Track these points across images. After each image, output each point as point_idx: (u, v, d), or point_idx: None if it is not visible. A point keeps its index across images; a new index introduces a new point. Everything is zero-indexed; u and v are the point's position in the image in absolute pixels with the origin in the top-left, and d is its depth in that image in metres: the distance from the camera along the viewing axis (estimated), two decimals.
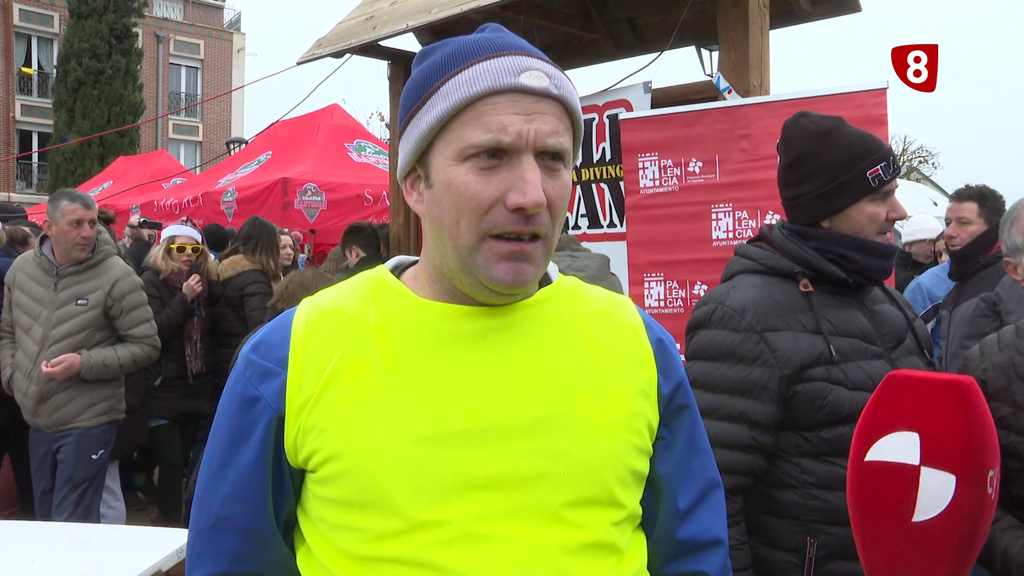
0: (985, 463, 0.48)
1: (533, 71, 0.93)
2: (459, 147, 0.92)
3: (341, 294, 1.04)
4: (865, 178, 1.73)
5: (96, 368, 3.67)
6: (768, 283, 1.77)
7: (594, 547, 0.94)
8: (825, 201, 1.76)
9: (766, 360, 1.68)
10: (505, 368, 0.96)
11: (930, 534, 0.44)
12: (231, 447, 1.00)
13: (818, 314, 1.72)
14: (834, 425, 1.66)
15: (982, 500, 0.47)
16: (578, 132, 0.99)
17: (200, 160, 26.53)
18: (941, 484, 0.46)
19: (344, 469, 0.93)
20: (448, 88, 0.93)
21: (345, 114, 9.51)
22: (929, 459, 0.48)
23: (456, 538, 0.90)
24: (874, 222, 1.76)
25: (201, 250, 4.78)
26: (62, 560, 2.36)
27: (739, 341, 1.70)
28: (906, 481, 0.46)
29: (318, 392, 0.95)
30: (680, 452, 1.09)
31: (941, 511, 0.46)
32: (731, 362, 1.70)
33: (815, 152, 1.77)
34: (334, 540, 0.95)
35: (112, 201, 9.89)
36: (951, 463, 0.45)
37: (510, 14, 4.12)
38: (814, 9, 4.12)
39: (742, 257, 1.86)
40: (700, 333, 1.78)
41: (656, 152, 3.24)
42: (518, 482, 0.92)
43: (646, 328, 1.09)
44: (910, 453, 0.48)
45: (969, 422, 0.51)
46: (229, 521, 1.01)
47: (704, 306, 1.80)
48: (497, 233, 0.92)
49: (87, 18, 21.49)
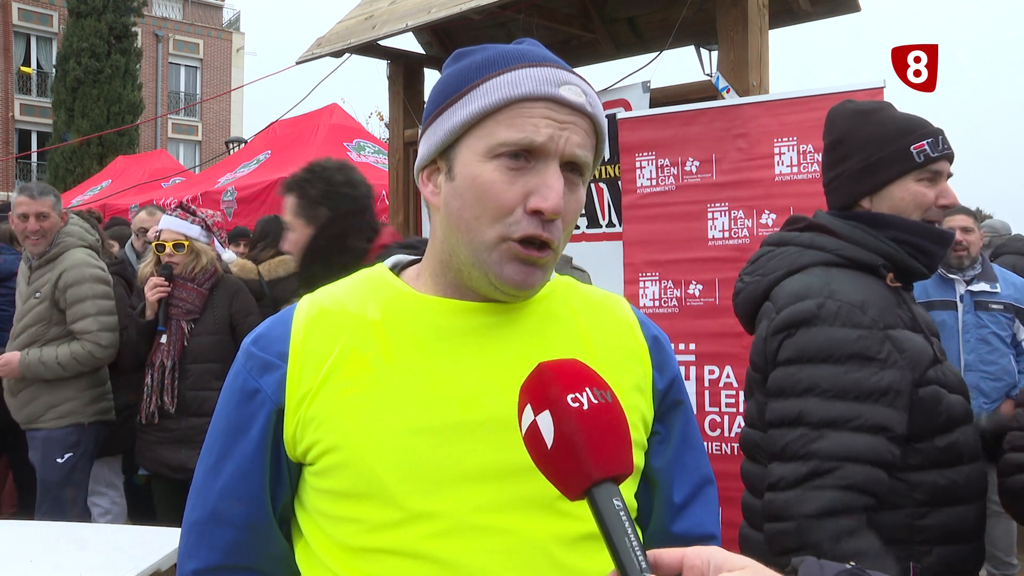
0: (553, 394, 0.77)
1: (572, 86, 0.96)
2: (490, 144, 0.95)
3: (341, 291, 1.05)
4: (908, 152, 1.59)
5: (33, 366, 3.57)
6: (857, 277, 1.58)
7: (589, 538, 0.95)
8: (862, 178, 1.62)
9: (895, 361, 1.48)
10: (503, 362, 0.98)
11: (560, 452, 0.74)
12: (230, 440, 1.01)
13: (914, 310, 1.59)
14: (949, 431, 1.53)
15: (570, 413, 0.75)
16: (600, 152, 1.03)
17: (199, 160, 26.52)
18: (547, 421, 0.75)
19: (342, 460, 0.94)
20: (489, 87, 0.96)
21: (344, 114, 9.51)
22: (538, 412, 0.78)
23: (452, 529, 0.92)
24: (919, 204, 1.60)
25: (188, 247, 3.51)
26: (61, 560, 2.37)
27: (865, 339, 1.48)
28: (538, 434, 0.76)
29: (317, 385, 0.96)
30: (674, 447, 1.11)
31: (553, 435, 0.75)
32: (858, 363, 1.48)
33: (855, 130, 1.65)
34: (331, 532, 0.96)
35: (111, 200, 9.90)
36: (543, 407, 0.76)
37: (510, 13, 4.12)
38: (813, 9, 4.12)
39: (808, 248, 1.65)
40: (806, 332, 1.53)
41: (653, 151, 3.24)
42: (514, 473, 0.93)
43: (641, 325, 1.11)
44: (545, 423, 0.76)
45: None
46: (225, 515, 1.02)
47: (801, 301, 1.55)
48: (515, 237, 0.94)
49: (86, 17, 21.47)
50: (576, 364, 0.81)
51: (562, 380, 0.77)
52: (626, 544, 0.69)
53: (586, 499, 0.73)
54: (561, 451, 0.74)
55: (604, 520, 0.71)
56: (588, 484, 0.73)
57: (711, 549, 0.69)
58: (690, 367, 3.09)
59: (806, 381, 1.50)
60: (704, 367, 3.08)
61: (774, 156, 2.95)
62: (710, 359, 3.07)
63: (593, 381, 0.78)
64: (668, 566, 0.69)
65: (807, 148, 2.88)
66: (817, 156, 2.86)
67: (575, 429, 0.74)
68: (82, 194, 12.08)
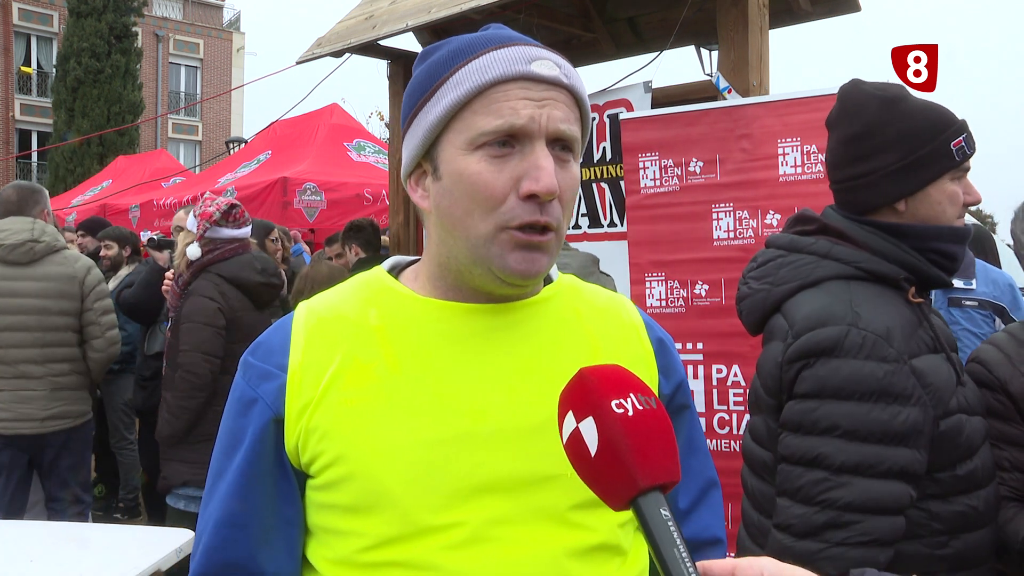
0: (596, 400, 0.74)
1: (543, 60, 0.93)
2: (470, 136, 0.91)
3: (340, 297, 1.02)
4: (949, 149, 1.48)
5: None
6: (878, 293, 1.47)
7: (600, 549, 0.94)
8: (903, 178, 1.50)
9: (919, 397, 1.38)
10: (510, 368, 0.95)
11: (605, 460, 0.71)
12: (231, 451, 0.98)
13: (934, 325, 1.48)
14: (969, 458, 1.45)
15: (615, 419, 0.72)
16: (586, 124, 0.99)
17: (199, 159, 26.50)
18: (590, 427, 0.73)
19: (348, 472, 0.91)
20: (458, 77, 0.93)
21: (344, 113, 9.50)
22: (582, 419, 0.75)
23: (464, 542, 0.89)
24: (955, 204, 1.51)
25: (177, 242, 3.52)
26: (62, 560, 2.36)
27: (891, 375, 1.37)
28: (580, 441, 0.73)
29: (319, 395, 0.93)
30: (680, 452, 1.08)
31: (598, 443, 0.72)
32: (884, 402, 1.37)
33: (887, 121, 1.51)
34: (335, 548, 0.93)
35: (111, 200, 9.89)
36: (586, 413, 0.73)
37: (510, 13, 4.11)
38: (814, 9, 4.12)
39: (824, 258, 1.53)
40: (826, 364, 1.41)
41: (657, 152, 3.23)
42: (526, 484, 0.91)
43: (647, 328, 1.09)
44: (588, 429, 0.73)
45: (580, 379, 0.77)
46: (227, 525, 0.97)
47: (823, 328, 1.43)
48: (514, 226, 0.90)
49: (86, 17, 21.46)
50: (619, 370, 0.77)
51: (605, 386, 0.74)
52: (675, 555, 0.65)
53: (631, 509, 0.70)
54: (606, 459, 0.71)
55: (652, 530, 0.68)
56: (634, 493, 0.69)
57: (763, 560, 0.66)
58: (698, 366, 3.09)
59: (826, 420, 1.40)
60: (712, 366, 3.08)
61: (778, 156, 2.94)
62: (717, 358, 3.07)
63: (637, 387, 0.75)
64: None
65: (811, 148, 2.87)
66: (820, 156, 2.85)
67: (620, 436, 0.70)
68: (82, 194, 12.08)
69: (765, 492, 1.58)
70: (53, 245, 3.74)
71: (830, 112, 1.65)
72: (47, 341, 3.69)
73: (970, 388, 1.52)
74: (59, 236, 3.82)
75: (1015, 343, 1.67)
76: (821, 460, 1.40)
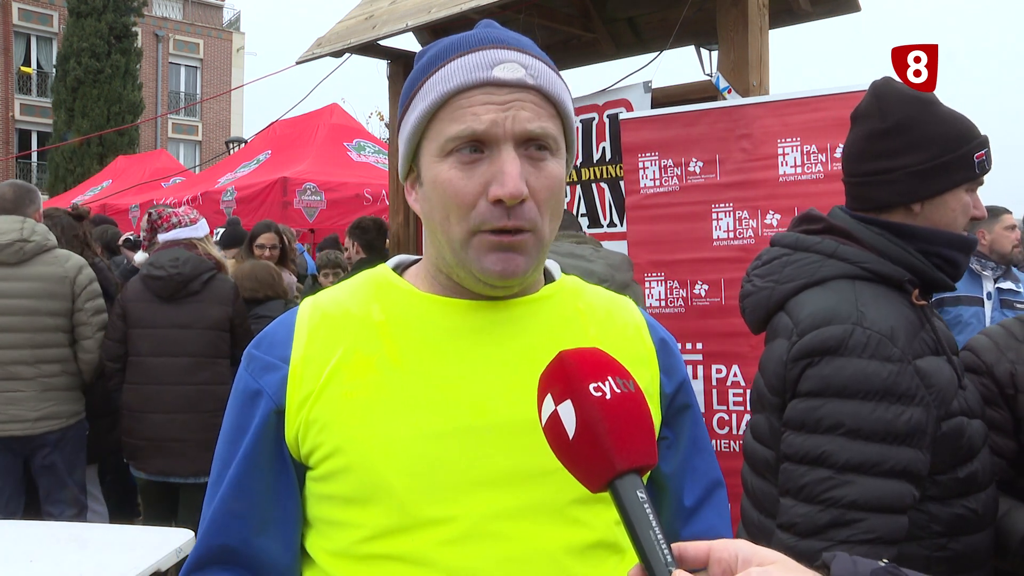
0: (574, 383, 0.75)
1: (507, 64, 0.93)
2: (440, 143, 0.94)
3: (344, 293, 1.04)
4: (972, 160, 1.50)
5: None
6: (882, 293, 1.47)
7: (598, 547, 0.94)
8: (927, 179, 1.49)
9: (922, 398, 1.39)
10: (511, 363, 0.96)
11: (583, 443, 0.73)
12: (235, 442, 0.99)
13: (936, 328, 1.49)
14: (969, 461, 1.45)
15: (592, 402, 0.73)
16: (567, 121, 0.98)
17: (199, 159, 26.52)
18: (568, 410, 0.74)
19: (347, 464, 0.92)
20: (427, 87, 0.95)
21: (344, 113, 9.52)
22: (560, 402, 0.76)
23: (461, 536, 0.90)
24: (966, 215, 1.52)
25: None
26: (61, 560, 2.36)
27: (895, 374, 1.38)
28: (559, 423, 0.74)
29: (320, 387, 0.94)
30: (684, 451, 1.09)
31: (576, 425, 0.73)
32: (888, 402, 1.38)
33: (922, 120, 1.50)
34: (334, 539, 0.94)
35: (111, 200, 9.90)
36: (564, 396, 0.74)
37: (510, 13, 4.12)
38: (813, 9, 4.12)
39: (829, 257, 1.53)
40: (831, 363, 1.41)
41: (656, 152, 3.24)
42: (525, 479, 0.92)
43: (648, 328, 1.09)
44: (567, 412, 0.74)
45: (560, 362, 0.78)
46: (228, 517, 0.99)
47: (827, 327, 1.43)
48: (485, 229, 0.92)
49: (86, 17, 21.48)
50: (597, 353, 0.78)
51: (584, 369, 0.75)
52: (651, 537, 0.66)
53: (608, 491, 0.71)
54: (583, 442, 0.72)
55: (628, 513, 0.68)
56: (611, 475, 0.70)
57: (738, 542, 0.66)
58: (697, 366, 3.09)
59: (829, 418, 1.40)
60: (712, 366, 3.09)
61: (778, 157, 2.94)
62: (717, 358, 3.08)
63: (615, 370, 0.76)
64: (694, 560, 0.67)
65: (810, 148, 2.87)
66: (820, 156, 2.85)
67: (598, 419, 0.71)
68: (82, 194, 12.09)
69: (766, 491, 1.58)
70: (43, 245, 3.67)
71: (858, 105, 1.63)
72: (37, 342, 3.64)
73: (971, 391, 1.53)
74: (50, 235, 3.74)
75: (1006, 334, 1.70)
76: (825, 459, 1.40)
